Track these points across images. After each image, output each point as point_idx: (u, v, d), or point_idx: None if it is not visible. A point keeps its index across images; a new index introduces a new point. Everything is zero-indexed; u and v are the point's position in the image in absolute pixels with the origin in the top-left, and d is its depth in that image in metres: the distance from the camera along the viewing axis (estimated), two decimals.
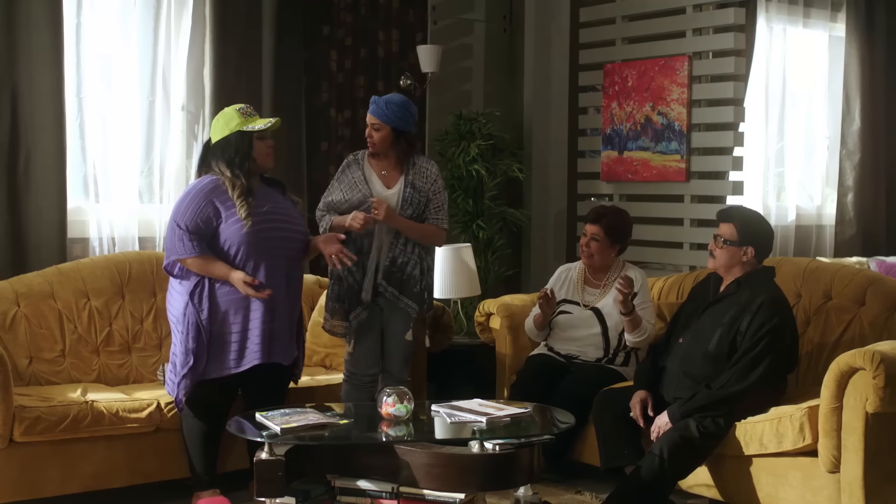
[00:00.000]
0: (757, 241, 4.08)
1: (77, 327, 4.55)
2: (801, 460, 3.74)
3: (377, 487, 3.74)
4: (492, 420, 3.73)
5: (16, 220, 4.74)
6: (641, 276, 4.70)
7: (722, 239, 4.08)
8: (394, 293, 4.33)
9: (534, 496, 3.77)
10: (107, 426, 4.06)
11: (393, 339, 4.39)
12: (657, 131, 5.84)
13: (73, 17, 4.94)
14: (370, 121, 4.32)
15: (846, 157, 6.98)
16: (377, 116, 4.30)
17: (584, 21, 6.34)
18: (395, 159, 4.37)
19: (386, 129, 4.30)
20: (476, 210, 6.14)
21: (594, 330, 4.68)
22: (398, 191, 4.34)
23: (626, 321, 4.51)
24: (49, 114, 4.76)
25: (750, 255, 4.06)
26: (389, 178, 4.36)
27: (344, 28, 5.81)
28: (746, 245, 4.06)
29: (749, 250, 4.06)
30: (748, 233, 4.07)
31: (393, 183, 4.35)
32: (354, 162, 4.40)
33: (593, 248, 4.70)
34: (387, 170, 4.37)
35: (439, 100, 6.33)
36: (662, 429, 3.96)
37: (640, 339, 4.54)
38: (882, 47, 7.08)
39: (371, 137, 4.32)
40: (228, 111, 4.11)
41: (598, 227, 4.70)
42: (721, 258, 4.09)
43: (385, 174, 4.36)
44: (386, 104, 4.30)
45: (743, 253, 4.05)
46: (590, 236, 4.71)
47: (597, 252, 4.70)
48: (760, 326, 3.88)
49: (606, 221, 4.71)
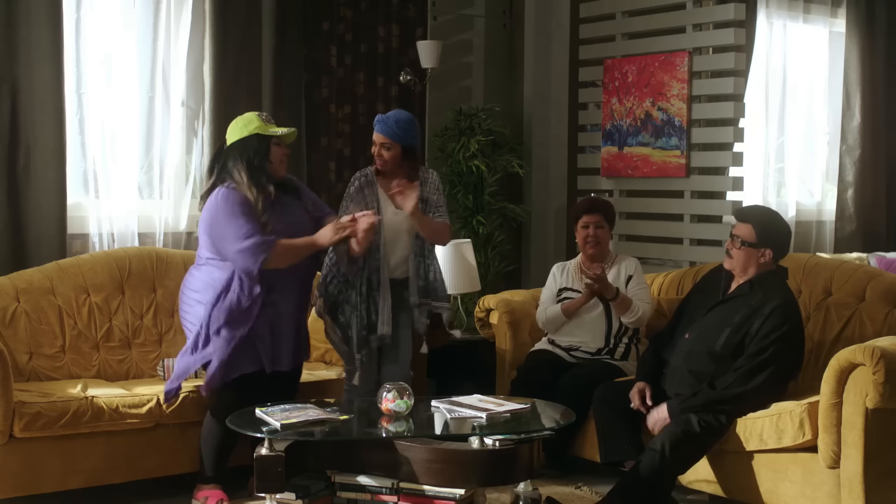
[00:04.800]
0: (775, 242, 4.06)
1: (77, 323, 4.55)
2: (801, 456, 3.74)
3: (377, 483, 3.75)
4: (492, 416, 3.73)
5: (16, 215, 4.74)
6: (635, 262, 4.82)
7: (740, 240, 4.03)
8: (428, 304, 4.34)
9: (534, 491, 3.78)
10: (107, 422, 4.06)
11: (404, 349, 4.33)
12: (657, 127, 5.84)
13: (73, 12, 4.93)
14: (379, 140, 4.27)
15: (846, 152, 6.98)
16: (387, 136, 4.25)
17: (584, 17, 6.34)
18: (403, 177, 4.31)
19: (396, 148, 4.26)
20: (476, 206, 6.14)
21: (597, 310, 4.71)
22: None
23: (615, 305, 4.61)
24: (49, 110, 4.76)
25: (768, 257, 4.04)
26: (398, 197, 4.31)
27: (344, 23, 5.81)
28: (765, 247, 4.03)
29: (767, 252, 4.03)
30: (767, 235, 4.04)
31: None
32: (367, 184, 4.30)
33: (600, 235, 4.77)
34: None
35: (439, 95, 6.32)
36: (660, 422, 3.96)
37: (634, 318, 4.63)
38: (882, 43, 7.08)
39: (382, 157, 4.27)
40: (248, 115, 4.14)
41: (598, 215, 4.78)
42: (738, 259, 4.05)
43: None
44: (396, 123, 4.25)
45: (761, 255, 4.03)
46: (594, 225, 4.76)
47: (602, 239, 4.77)
48: (770, 331, 3.87)
49: (603, 208, 4.83)
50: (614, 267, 4.77)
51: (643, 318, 4.65)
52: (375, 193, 4.29)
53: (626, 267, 4.76)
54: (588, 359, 4.68)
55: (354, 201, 4.28)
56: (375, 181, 4.32)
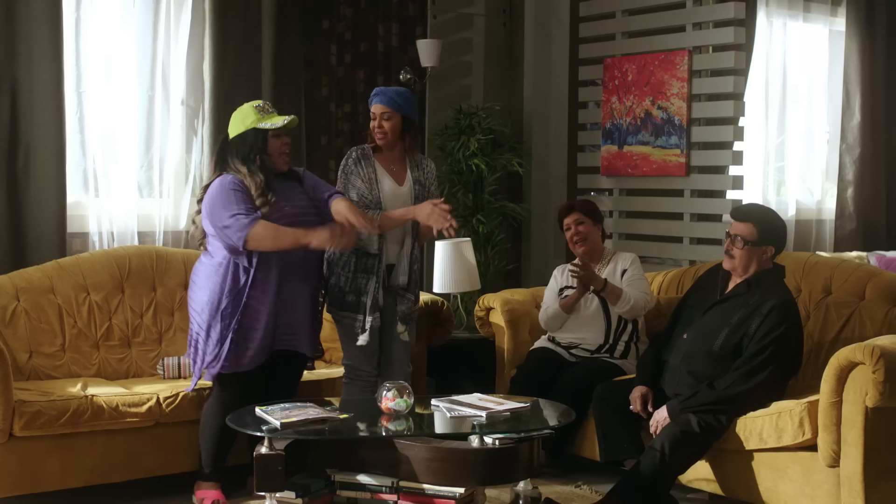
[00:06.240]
0: (777, 239, 4.07)
1: (77, 322, 4.55)
2: (800, 455, 3.74)
3: (377, 482, 3.75)
4: (492, 414, 3.73)
5: (15, 214, 4.73)
6: (632, 256, 4.82)
7: (742, 239, 4.02)
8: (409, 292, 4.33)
9: (533, 490, 3.78)
10: (107, 420, 4.06)
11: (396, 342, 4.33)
12: (657, 126, 5.84)
13: (73, 11, 4.93)
14: (379, 111, 4.23)
15: (846, 151, 6.97)
16: (387, 105, 4.22)
17: (583, 15, 6.33)
18: (400, 153, 4.32)
19: (396, 118, 4.23)
20: (476, 204, 6.14)
21: (594, 306, 4.72)
22: (409, 189, 4.31)
23: (607, 296, 4.62)
24: (49, 108, 4.76)
25: (770, 255, 4.04)
26: (399, 174, 4.32)
27: (344, 22, 5.81)
28: (767, 245, 4.03)
29: (769, 250, 4.03)
30: (768, 232, 4.04)
31: (403, 180, 4.32)
32: (365, 156, 4.27)
33: (584, 231, 4.77)
34: (395, 165, 4.32)
35: (439, 94, 6.32)
36: (661, 423, 3.96)
37: (627, 307, 4.61)
38: (882, 42, 7.07)
39: (382, 128, 4.23)
40: (246, 107, 4.10)
41: (576, 213, 4.80)
42: (741, 259, 4.03)
43: (394, 170, 4.31)
44: (395, 93, 4.25)
45: (763, 253, 4.03)
46: (574, 224, 4.78)
47: (588, 233, 4.77)
48: (769, 331, 3.86)
49: (579, 205, 4.85)
50: (610, 264, 4.78)
51: (636, 307, 4.62)
52: (373, 166, 4.26)
53: (622, 262, 4.77)
54: (588, 357, 4.69)
55: (355, 174, 4.23)
56: (371, 155, 4.29)
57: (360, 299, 4.22)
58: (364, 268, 4.23)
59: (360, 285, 4.22)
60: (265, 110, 4.09)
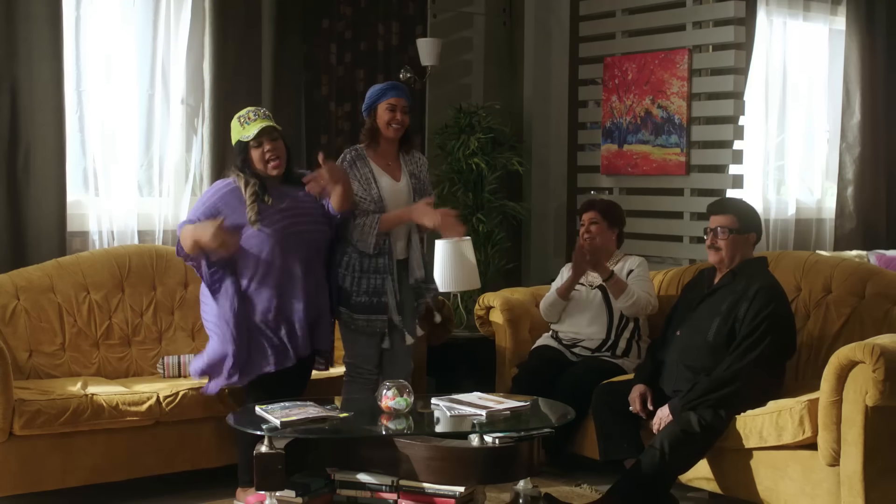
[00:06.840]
0: (757, 226, 4.20)
1: (77, 321, 4.55)
2: (800, 453, 3.74)
3: (377, 480, 3.75)
4: (491, 413, 3.73)
5: (15, 213, 4.73)
6: (640, 259, 4.84)
7: (727, 229, 4.10)
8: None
9: (533, 489, 3.78)
10: (107, 419, 4.06)
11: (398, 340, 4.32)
12: (657, 125, 5.84)
13: (73, 10, 4.93)
14: (401, 103, 4.27)
15: (846, 150, 6.98)
16: (406, 99, 4.30)
17: (583, 14, 6.33)
18: (394, 150, 4.35)
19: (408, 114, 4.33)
20: (476, 203, 6.14)
21: (597, 299, 4.73)
22: (406, 183, 4.33)
23: (610, 287, 4.64)
24: (49, 108, 4.76)
25: (752, 241, 4.15)
26: (394, 170, 4.34)
27: (344, 21, 5.80)
28: (749, 232, 4.15)
29: (752, 237, 4.16)
30: (748, 220, 4.17)
31: (399, 175, 4.34)
32: (359, 157, 4.30)
33: (595, 231, 4.78)
34: (390, 161, 4.33)
35: (439, 93, 6.32)
36: (664, 421, 3.96)
37: (630, 302, 4.62)
38: (882, 41, 7.07)
39: (400, 121, 4.27)
40: (234, 119, 4.17)
41: (593, 212, 4.83)
42: (727, 248, 4.12)
43: (390, 165, 4.33)
44: (409, 89, 4.33)
45: (746, 240, 4.13)
46: (588, 222, 4.80)
47: (598, 234, 4.78)
48: (758, 312, 3.91)
49: (600, 205, 4.87)
50: (618, 264, 4.78)
51: (639, 304, 4.63)
52: (368, 166, 4.28)
53: (630, 264, 4.78)
54: (588, 356, 4.69)
55: (350, 176, 4.23)
56: (366, 156, 4.31)
57: (373, 300, 4.22)
58: (375, 268, 4.23)
59: (374, 286, 4.23)
60: (247, 120, 4.12)
